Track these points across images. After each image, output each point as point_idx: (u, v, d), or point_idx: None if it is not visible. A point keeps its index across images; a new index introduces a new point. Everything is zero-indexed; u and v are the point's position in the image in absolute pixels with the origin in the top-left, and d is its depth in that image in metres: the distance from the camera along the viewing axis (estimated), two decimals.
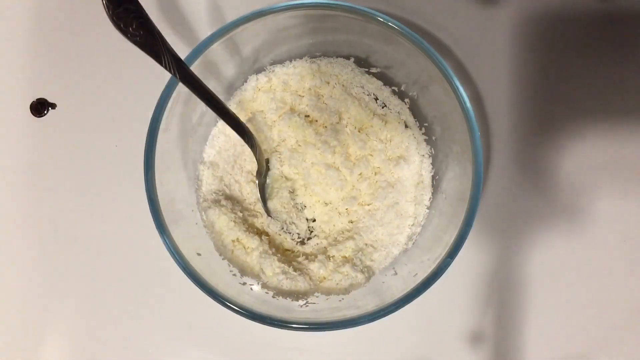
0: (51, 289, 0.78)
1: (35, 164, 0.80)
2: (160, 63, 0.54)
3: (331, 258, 0.72)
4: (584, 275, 0.77)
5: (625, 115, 0.77)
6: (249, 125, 0.71)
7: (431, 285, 0.62)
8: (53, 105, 0.80)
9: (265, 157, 0.74)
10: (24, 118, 0.80)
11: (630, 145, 0.77)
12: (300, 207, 0.75)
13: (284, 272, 0.70)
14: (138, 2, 0.51)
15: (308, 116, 0.75)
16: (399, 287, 0.65)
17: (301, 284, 0.70)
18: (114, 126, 0.80)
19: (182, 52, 0.60)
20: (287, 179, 0.75)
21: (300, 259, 0.72)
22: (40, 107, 0.80)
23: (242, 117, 0.74)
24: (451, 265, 0.62)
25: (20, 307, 0.78)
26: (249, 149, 0.69)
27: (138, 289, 0.77)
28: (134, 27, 0.51)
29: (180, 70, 0.56)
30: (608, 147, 0.78)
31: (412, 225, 0.73)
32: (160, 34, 0.53)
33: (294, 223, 0.75)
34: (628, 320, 0.76)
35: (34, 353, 0.77)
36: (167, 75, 0.58)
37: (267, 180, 0.75)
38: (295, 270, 0.71)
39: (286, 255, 0.73)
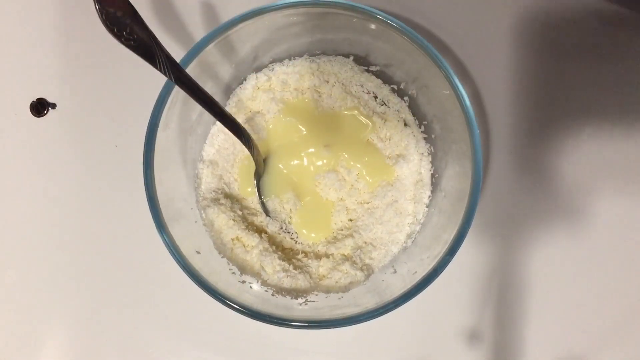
0: (51, 288, 0.78)
1: (35, 164, 0.80)
2: (156, 66, 0.54)
3: (330, 256, 0.72)
4: (583, 275, 0.77)
5: (625, 115, 0.77)
6: (247, 126, 0.71)
7: (430, 283, 0.62)
8: (53, 105, 0.80)
9: (264, 157, 0.74)
10: (24, 118, 0.80)
11: (630, 144, 0.77)
12: (299, 207, 0.75)
13: (284, 270, 0.70)
14: (131, 5, 0.51)
15: None
16: (398, 285, 0.64)
17: (301, 282, 0.70)
18: (114, 126, 0.80)
19: (178, 53, 0.60)
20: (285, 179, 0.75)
21: (299, 257, 0.72)
22: (40, 107, 0.80)
23: (241, 117, 0.74)
24: (450, 263, 0.62)
25: (19, 307, 0.78)
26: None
27: (138, 289, 0.77)
28: (127, 31, 0.51)
29: (176, 74, 0.56)
30: (608, 146, 0.78)
31: (412, 223, 0.73)
32: (155, 37, 0.53)
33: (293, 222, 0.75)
34: (627, 320, 0.76)
35: (34, 353, 0.77)
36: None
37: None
38: (295, 268, 0.71)
39: (286, 254, 0.73)
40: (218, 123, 0.75)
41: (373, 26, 0.65)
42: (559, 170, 0.78)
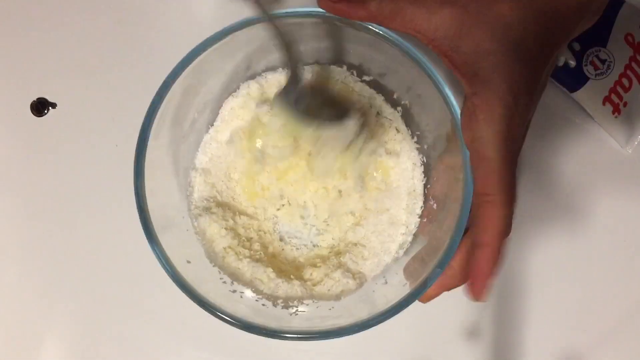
0: (50, 289, 0.78)
1: (35, 164, 0.80)
2: None
3: (322, 265, 0.72)
4: (583, 275, 0.77)
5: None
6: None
7: (420, 295, 0.61)
8: (53, 105, 0.80)
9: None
10: (24, 117, 0.80)
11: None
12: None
13: (277, 277, 0.70)
14: None
15: None
16: (390, 296, 0.64)
17: (295, 288, 0.70)
18: (114, 126, 0.80)
19: (170, 62, 0.60)
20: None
21: (292, 265, 0.73)
22: (40, 107, 0.80)
23: (234, 124, 0.74)
24: None
25: (18, 308, 0.78)
26: (240, 156, 0.70)
27: (138, 289, 0.78)
28: None
29: None
30: (609, 147, 0.78)
31: (404, 233, 0.73)
32: None
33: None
34: (628, 320, 0.77)
35: (33, 354, 0.77)
36: (166, 74, 0.58)
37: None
38: (287, 275, 0.71)
39: (280, 260, 0.73)
40: (211, 131, 0.74)
41: (366, 37, 0.64)
42: (559, 170, 0.78)
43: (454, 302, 0.76)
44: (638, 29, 0.75)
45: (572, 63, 0.76)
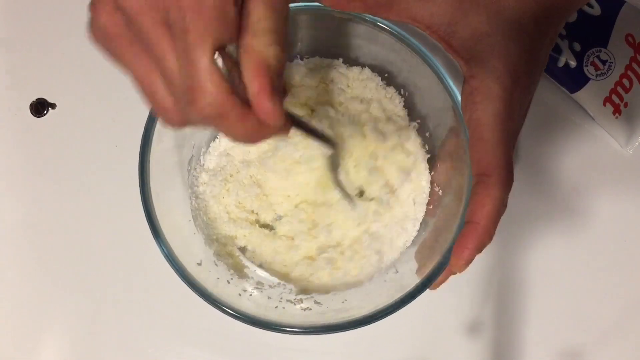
0: (50, 289, 0.78)
1: (34, 164, 0.80)
2: None
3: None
4: (583, 275, 0.77)
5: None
6: None
7: (434, 280, 0.61)
8: (53, 105, 0.80)
9: None
10: (24, 118, 0.80)
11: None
12: None
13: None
14: None
15: None
16: (402, 284, 0.64)
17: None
18: (114, 126, 0.80)
19: None
20: None
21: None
22: (40, 107, 0.80)
23: None
24: None
25: (19, 308, 0.78)
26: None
27: (138, 289, 0.78)
28: None
29: None
30: (609, 147, 0.78)
31: (411, 225, 0.73)
32: None
33: None
34: (627, 320, 0.77)
35: (33, 354, 0.77)
36: None
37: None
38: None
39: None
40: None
41: (362, 28, 0.64)
42: (559, 170, 0.78)
43: (454, 300, 0.77)
44: (638, 29, 0.76)
45: (573, 64, 0.76)
